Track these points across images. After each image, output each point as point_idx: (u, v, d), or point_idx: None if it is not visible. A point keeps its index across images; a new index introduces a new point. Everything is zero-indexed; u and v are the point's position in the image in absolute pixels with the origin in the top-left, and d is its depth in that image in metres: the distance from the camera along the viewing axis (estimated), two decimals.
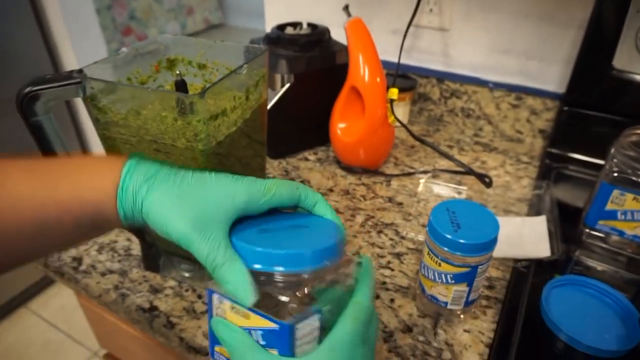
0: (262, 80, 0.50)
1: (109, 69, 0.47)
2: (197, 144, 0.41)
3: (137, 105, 0.42)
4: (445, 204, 0.47)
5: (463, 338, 0.48)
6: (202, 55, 0.53)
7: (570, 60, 0.79)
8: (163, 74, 0.54)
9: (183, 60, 0.54)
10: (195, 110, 0.39)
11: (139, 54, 0.51)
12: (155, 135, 0.42)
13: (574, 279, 0.53)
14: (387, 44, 0.93)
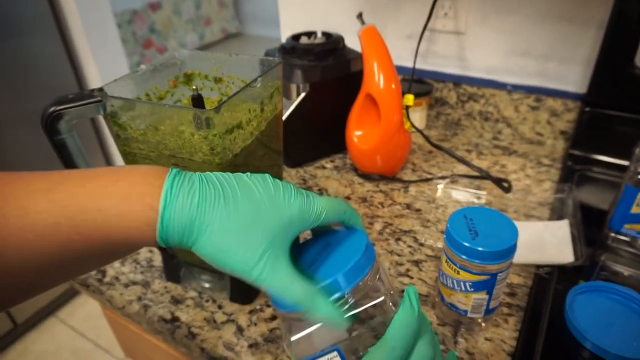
0: (276, 92, 0.50)
1: (128, 85, 0.49)
2: (214, 158, 0.42)
3: (155, 120, 0.43)
4: (462, 211, 0.46)
5: (484, 347, 0.47)
6: (218, 69, 0.54)
7: (590, 60, 0.77)
8: (180, 89, 0.55)
9: (199, 74, 0.55)
10: (212, 125, 0.40)
11: (157, 70, 0.52)
12: (174, 149, 0.43)
13: (600, 284, 0.51)
14: (403, 49, 0.92)
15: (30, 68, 1.44)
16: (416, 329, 0.31)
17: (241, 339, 0.49)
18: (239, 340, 0.49)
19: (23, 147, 1.45)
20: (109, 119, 0.44)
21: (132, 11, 3.28)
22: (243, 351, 0.47)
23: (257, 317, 0.51)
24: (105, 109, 0.43)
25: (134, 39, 3.33)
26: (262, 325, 0.50)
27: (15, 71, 1.41)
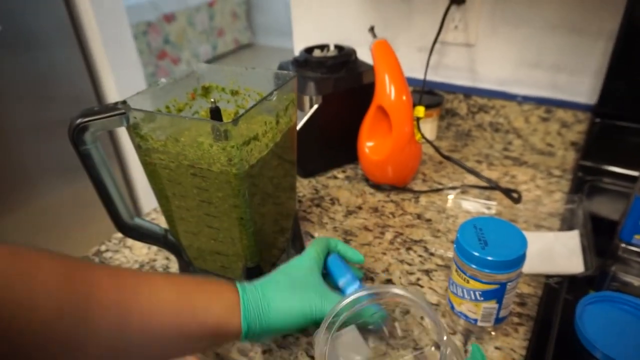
0: (291, 105, 0.52)
1: (148, 99, 0.51)
2: (231, 168, 0.44)
3: (175, 132, 0.45)
4: (472, 221, 0.47)
5: (494, 356, 0.48)
6: (234, 82, 0.56)
7: (600, 71, 0.78)
8: (198, 101, 0.57)
9: (217, 87, 0.57)
10: (230, 137, 0.42)
11: (176, 83, 0.54)
12: (193, 160, 0.45)
13: (610, 295, 0.52)
14: (414, 61, 0.94)
15: (50, 79, 1.49)
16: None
17: (255, 345, 0.50)
18: (253, 346, 0.50)
19: (43, 156, 1.49)
20: (131, 131, 0.46)
21: (147, 23, 3.35)
22: (257, 357, 0.49)
23: None
24: (128, 120, 0.45)
25: (149, 50, 3.40)
26: None
27: (36, 82, 1.45)
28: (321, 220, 0.70)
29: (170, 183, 0.48)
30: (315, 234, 0.67)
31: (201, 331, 0.39)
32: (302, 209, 0.73)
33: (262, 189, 0.50)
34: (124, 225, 0.51)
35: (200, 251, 0.54)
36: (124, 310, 0.34)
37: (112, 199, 0.49)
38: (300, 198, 0.76)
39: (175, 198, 0.50)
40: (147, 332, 0.36)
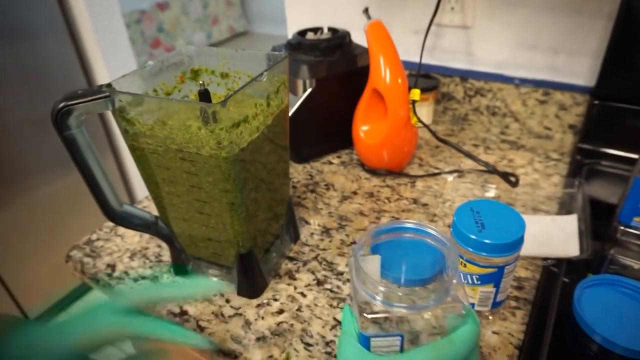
0: (282, 87, 0.50)
1: (136, 81, 0.49)
2: (221, 152, 0.42)
3: (162, 115, 0.43)
4: (469, 204, 0.46)
5: (492, 340, 0.47)
6: (225, 65, 0.54)
7: (599, 52, 0.76)
8: (188, 85, 0.55)
9: (206, 70, 0.56)
10: (218, 119, 0.40)
11: (164, 66, 0.53)
12: (181, 144, 0.43)
13: (609, 278, 0.51)
14: (409, 44, 0.92)
15: (41, 70, 1.46)
16: (476, 343, 0.34)
17: (249, 333, 0.49)
18: (246, 334, 0.49)
19: (36, 148, 1.47)
20: (117, 114, 0.44)
21: (140, 11, 3.30)
22: (251, 344, 0.48)
23: (265, 311, 0.52)
24: (113, 104, 0.43)
25: (142, 38, 3.35)
26: (270, 319, 0.50)
27: (27, 73, 1.42)
28: (316, 206, 0.69)
29: (159, 168, 0.47)
30: (310, 220, 0.66)
31: None
32: (297, 195, 0.72)
33: (253, 174, 0.48)
34: (112, 212, 0.50)
35: (192, 238, 0.53)
36: None
37: (99, 186, 0.48)
38: (295, 184, 0.75)
39: (165, 184, 0.48)
40: None
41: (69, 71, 1.55)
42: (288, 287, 0.55)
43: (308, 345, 0.47)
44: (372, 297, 0.33)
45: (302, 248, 0.61)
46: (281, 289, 0.55)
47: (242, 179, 0.46)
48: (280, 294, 0.54)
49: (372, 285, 0.33)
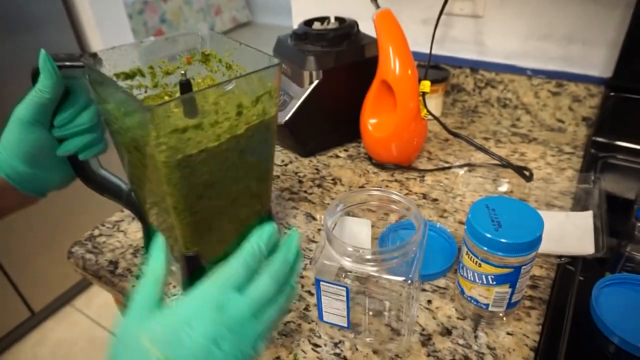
0: (267, 96, 0.45)
1: (130, 55, 0.47)
2: (160, 155, 0.39)
3: (120, 101, 0.42)
4: (484, 200, 0.44)
5: (506, 341, 0.45)
6: (230, 56, 0.52)
7: (616, 42, 0.74)
8: (196, 67, 0.53)
9: (216, 57, 0.53)
10: (156, 121, 0.37)
11: (169, 43, 0.51)
12: (134, 133, 0.42)
13: (627, 277, 0.49)
14: (418, 34, 0.90)
15: (32, 48, 1.44)
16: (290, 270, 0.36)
17: None
18: None
19: None
20: (92, 86, 0.44)
21: (143, 1, 3.27)
22: None
23: None
24: (89, 75, 0.42)
25: (145, 29, 3.33)
26: None
27: (28, 65, 1.40)
28: (323, 201, 0.67)
29: (121, 147, 0.46)
30: (316, 216, 0.64)
31: None
32: (303, 190, 0.70)
33: (207, 183, 0.44)
34: (86, 173, 0.49)
35: (152, 220, 0.52)
36: None
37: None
38: (301, 178, 0.73)
39: (128, 164, 0.47)
40: None
41: (64, 49, 1.53)
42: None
43: (316, 346, 0.46)
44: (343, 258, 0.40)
45: (309, 245, 0.59)
46: None
47: (186, 185, 0.42)
48: None
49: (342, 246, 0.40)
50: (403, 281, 0.39)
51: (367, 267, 0.40)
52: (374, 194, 0.46)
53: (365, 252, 0.39)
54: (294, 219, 0.64)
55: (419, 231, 0.41)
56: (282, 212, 0.66)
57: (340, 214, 0.46)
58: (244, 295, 0.32)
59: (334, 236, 0.40)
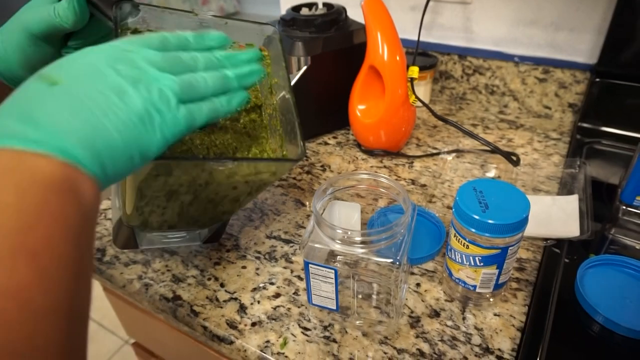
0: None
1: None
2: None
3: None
4: (472, 183, 0.44)
5: (493, 322, 0.46)
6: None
7: (602, 29, 0.74)
8: None
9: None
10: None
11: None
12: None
13: (611, 258, 0.50)
14: (406, 21, 0.90)
15: None
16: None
17: (244, 317, 0.48)
18: (242, 319, 0.48)
19: None
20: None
21: None
22: (247, 329, 0.46)
23: (261, 295, 0.50)
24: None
25: None
26: (266, 303, 0.49)
27: None
28: (312, 188, 0.67)
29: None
30: (306, 202, 0.64)
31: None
32: (292, 176, 0.70)
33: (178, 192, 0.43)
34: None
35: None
36: None
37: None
38: None
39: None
40: None
41: None
42: (285, 270, 0.53)
43: (306, 330, 0.46)
44: (332, 240, 0.41)
45: (298, 231, 0.59)
46: (277, 272, 0.53)
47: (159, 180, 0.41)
48: (277, 277, 0.52)
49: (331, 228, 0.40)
50: (391, 263, 0.39)
51: (355, 249, 0.40)
52: (363, 177, 0.47)
53: (354, 233, 0.39)
54: (283, 205, 0.64)
55: (407, 213, 0.41)
56: (271, 198, 0.66)
57: (329, 198, 0.47)
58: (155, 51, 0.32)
59: (322, 219, 0.40)
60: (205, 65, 0.35)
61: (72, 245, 0.25)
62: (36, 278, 0.23)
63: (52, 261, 0.24)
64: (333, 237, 0.40)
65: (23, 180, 0.24)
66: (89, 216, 0.28)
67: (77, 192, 0.27)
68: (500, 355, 0.43)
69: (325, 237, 0.41)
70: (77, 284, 0.25)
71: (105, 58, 0.30)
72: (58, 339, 0.24)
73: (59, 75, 0.28)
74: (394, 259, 0.39)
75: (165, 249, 0.57)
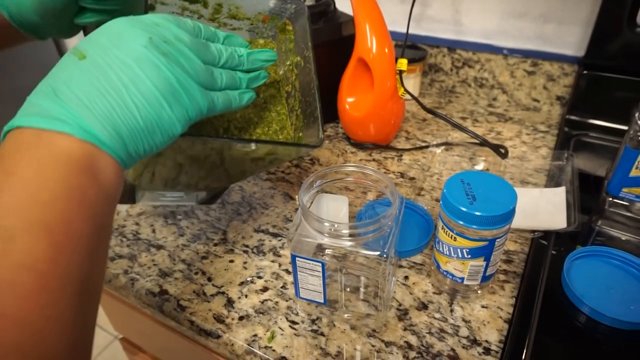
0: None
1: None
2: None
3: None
4: (459, 175, 0.44)
5: (481, 314, 0.46)
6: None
7: (590, 21, 0.74)
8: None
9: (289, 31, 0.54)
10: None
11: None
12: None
13: (597, 249, 0.50)
14: (395, 13, 0.89)
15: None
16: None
17: (232, 312, 0.47)
18: (229, 313, 0.47)
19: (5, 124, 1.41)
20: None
21: None
22: (234, 323, 0.46)
23: (248, 289, 0.50)
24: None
25: None
26: (254, 297, 0.49)
27: None
28: (300, 181, 0.67)
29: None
30: (294, 196, 0.64)
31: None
32: (281, 170, 0.70)
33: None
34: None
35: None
36: None
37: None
38: None
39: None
40: None
41: (40, 45, 1.48)
42: (272, 264, 0.53)
43: (293, 323, 0.46)
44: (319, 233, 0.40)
45: (286, 224, 0.59)
46: (265, 266, 0.53)
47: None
48: (265, 271, 0.52)
49: (319, 221, 0.39)
50: (378, 256, 0.39)
51: (343, 242, 0.40)
52: (350, 170, 0.46)
53: (341, 226, 0.39)
54: (272, 199, 0.64)
55: (394, 205, 0.41)
56: (260, 192, 0.65)
57: (317, 191, 0.46)
58: (185, 32, 0.33)
59: (309, 212, 0.40)
60: (226, 60, 0.37)
61: (88, 223, 0.26)
62: (51, 252, 0.24)
63: (67, 237, 0.25)
64: (320, 230, 0.40)
65: (42, 157, 0.25)
66: (107, 194, 0.28)
67: (96, 170, 0.27)
68: (488, 346, 0.43)
69: (312, 230, 0.40)
70: (90, 261, 0.26)
71: (134, 31, 0.30)
72: (69, 312, 0.24)
73: (87, 49, 0.29)
74: (381, 251, 0.39)
75: (152, 245, 0.56)
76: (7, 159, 0.25)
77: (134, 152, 0.30)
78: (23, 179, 0.24)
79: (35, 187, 0.24)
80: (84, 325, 0.26)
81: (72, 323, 0.25)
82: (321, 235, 0.40)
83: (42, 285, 0.23)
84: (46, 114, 0.26)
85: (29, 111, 0.27)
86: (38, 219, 0.24)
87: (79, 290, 0.25)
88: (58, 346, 0.24)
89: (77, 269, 0.25)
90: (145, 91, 0.29)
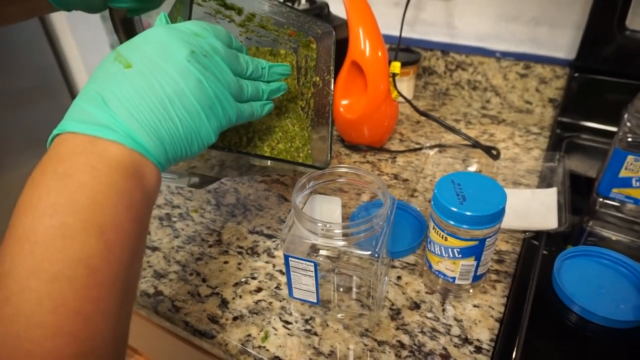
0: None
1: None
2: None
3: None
4: (450, 176, 0.45)
5: (472, 313, 0.47)
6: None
7: (581, 24, 0.75)
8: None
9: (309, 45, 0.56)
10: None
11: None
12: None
13: (587, 249, 0.51)
14: (389, 17, 0.90)
15: (6, 45, 1.39)
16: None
17: (226, 312, 0.48)
18: (223, 313, 0.48)
19: (8, 127, 1.42)
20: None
21: None
22: (228, 324, 0.46)
23: (242, 290, 0.50)
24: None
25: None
26: (248, 298, 0.49)
27: None
28: (295, 183, 0.67)
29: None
30: (289, 198, 0.65)
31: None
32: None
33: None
34: (125, 25, 0.49)
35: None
36: None
37: None
38: None
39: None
40: None
41: (35, 47, 1.48)
42: (267, 265, 0.53)
43: (287, 323, 0.46)
44: (312, 233, 0.41)
45: (280, 226, 0.59)
46: (259, 267, 0.53)
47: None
48: (259, 272, 0.52)
49: (312, 222, 0.40)
50: (370, 255, 0.39)
51: (335, 242, 0.40)
52: (342, 172, 0.47)
53: (333, 226, 0.39)
54: (266, 201, 0.64)
55: (385, 205, 0.41)
56: (254, 194, 0.65)
57: (310, 192, 0.47)
58: (222, 44, 0.35)
59: (302, 212, 0.40)
60: (252, 71, 0.38)
61: (134, 224, 0.29)
62: (103, 250, 0.26)
63: (117, 236, 0.27)
64: (313, 231, 0.40)
65: (96, 162, 0.28)
66: (150, 198, 0.31)
67: (141, 176, 0.30)
68: (479, 345, 0.43)
69: (305, 230, 0.41)
70: (133, 259, 0.29)
71: (177, 42, 0.32)
72: (117, 307, 0.27)
73: (133, 58, 0.31)
74: (372, 251, 0.39)
75: (147, 246, 0.57)
76: (64, 162, 0.28)
77: (173, 159, 0.33)
78: (80, 182, 0.27)
79: (91, 190, 0.27)
80: (127, 320, 0.29)
81: (118, 317, 0.27)
82: (314, 235, 0.40)
83: (95, 280, 0.26)
84: (97, 122, 0.29)
85: (79, 117, 0.29)
86: (93, 219, 0.26)
87: (124, 287, 0.28)
88: (108, 338, 0.26)
89: (124, 267, 0.28)
90: (188, 105, 0.31)
